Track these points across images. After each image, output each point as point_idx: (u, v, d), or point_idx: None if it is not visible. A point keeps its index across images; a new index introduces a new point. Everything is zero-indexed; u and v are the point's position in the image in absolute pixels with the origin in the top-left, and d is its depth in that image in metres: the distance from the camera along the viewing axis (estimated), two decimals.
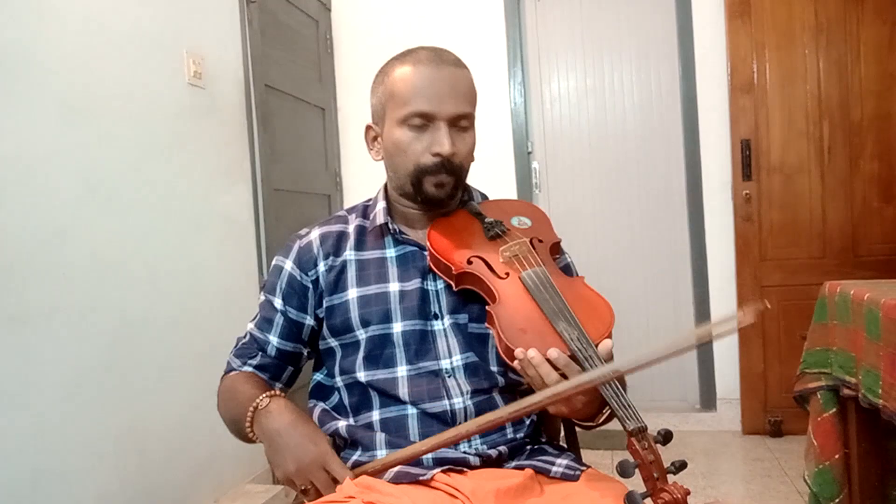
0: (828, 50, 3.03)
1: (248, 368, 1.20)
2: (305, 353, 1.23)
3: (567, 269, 1.23)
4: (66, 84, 1.87)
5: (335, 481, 1.00)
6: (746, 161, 3.10)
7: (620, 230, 3.46)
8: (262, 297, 1.22)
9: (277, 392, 1.09)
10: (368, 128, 1.20)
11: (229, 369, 1.22)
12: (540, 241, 1.16)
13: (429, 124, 1.10)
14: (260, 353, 1.20)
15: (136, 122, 2.13)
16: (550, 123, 3.53)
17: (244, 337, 1.24)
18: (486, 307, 1.05)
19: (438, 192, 1.13)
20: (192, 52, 2.41)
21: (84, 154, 1.92)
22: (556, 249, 1.19)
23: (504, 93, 3.50)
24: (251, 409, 1.07)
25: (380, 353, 1.12)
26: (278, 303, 1.19)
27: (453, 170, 1.12)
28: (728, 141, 3.16)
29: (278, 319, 1.19)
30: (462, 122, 1.12)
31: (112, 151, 2.02)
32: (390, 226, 1.18)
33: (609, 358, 0.93)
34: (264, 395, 1.07)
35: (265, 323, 1.20)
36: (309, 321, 1.19)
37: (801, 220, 3.10)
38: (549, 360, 0.92)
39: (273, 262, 1.23)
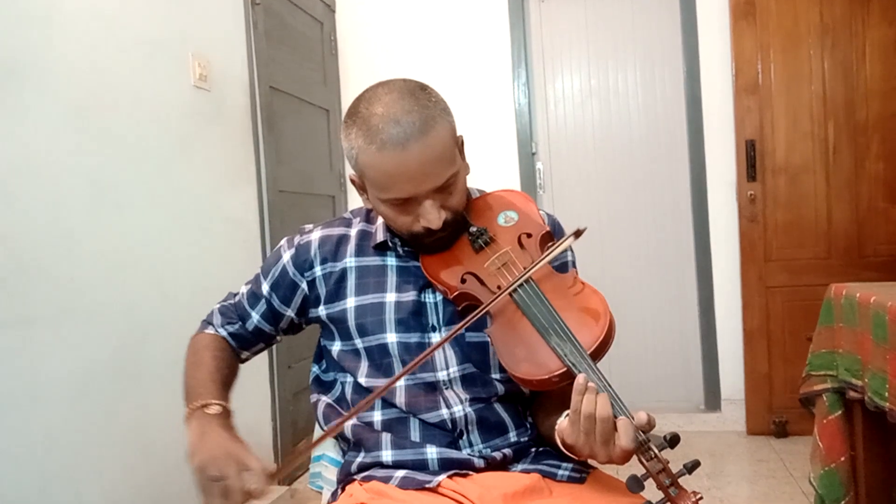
0: (833, 51, 3.02)
1: (223, 332, 1.23)
2: (279, 339, 1.28)
3: (563, 267, 1.19)
4: (74, 88, 1.88)
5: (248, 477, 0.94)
6: (751, 161, 3.10)
7: (625, 231, 3.46)
8: (258, 272, 1.25)
9: (229, 407, 1.09)
10: (353, 179, 1.13)
11: (209, 320, 1.27)
12: (528, 235, 1.11)
13: (412, 201, 1.04)
14: (239, 323, 1.24)
15: (143, 125, 2.14)
16: (555, 124, 3.53)
17: (235, 296, 1.27)
18: (484, 330, 1.05)
19: (439, 244, 1.11)
20: (198, 55, 2.42)
21: (91, 157, 1.92)
22: (548, 238, 1.13)
23: (508, 93, 3.50)
24: (200, 404, 1.06)
25: (379, 362, 1.12)
26: (265, 288, 1.21)
27: (449, 225, 1.07)
28: (733, 141, 3.15)
29: (262, 302, 1.22)
30: (446, 184, 1.04)
31: (119, 154, 2.03)
32: (390, 242, 1.16)
33: (647, 427, 0.88)
34: (217, 402, 1.06)
35: (253, 298, 1.23)
36: (289, 314, 1.21)
37: (806, 220, 3.10)
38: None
39: (278, 245, 1.24)
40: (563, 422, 0.95)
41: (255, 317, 1.22)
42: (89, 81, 1.93)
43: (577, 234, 1.03)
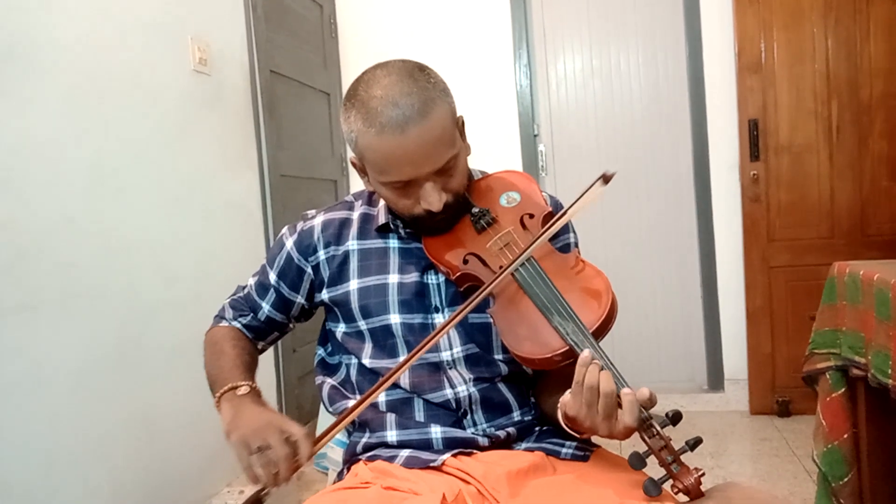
0: (836, 29, 2.99)
1: (237, 324, 1.26)
2: (292, 326, 1.29)
3: (565, 248, 1.19)
4: (72, 73, 1.87)
5: (292, 449, 0.95)
6: (754, 141, 3.09)
7: (628, 211, 3.45)
8: (264, 263, 1.26)
9: (255, 385, 1.12)
10: (353, 162, 1.13)
11: (221, 314, 1.29)
12: (531, 216, 1.12)
13: (413, 184, 1.04)
14: (251, 314, 1.26)
15: (143, 110, 2.13)
16: (557, 106, 3.52)
17: (244, 289, 1.29)
18: (487, 310, 1.06)
19: (440, 226, 1.11)
20: (197, 39, 2.41)
21: (91, 143, 1.92)
22: (550, 218, 1.12)
23: (509, 75, 3.48)
24: (229, 387, 1.09)
25: (383, 343, 1.13)
26: (273, 277, 1.22)
27: (450, 207, 1.07)
28: (735, 121, 3.14)
29: (271, 291, 1.23)
30: (447, 166, 1.04)
31: (119, 139, 2.03)
32: (392, 224, 1.17)
33: (649, 404, 0.87)
34: (245, 384, 1.10)
35: (261, 288, 1.25)
36: (299, 300, 1.22)
37: (809, 200, 3.09)
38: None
39: (280, 234, 1.25)
40: (566, 395, 0.95)
41: (266, 307, 1.24)
42: (88, 67, 1.93)
43: (606, 179, 1.00)
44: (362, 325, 1.14)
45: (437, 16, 3.50)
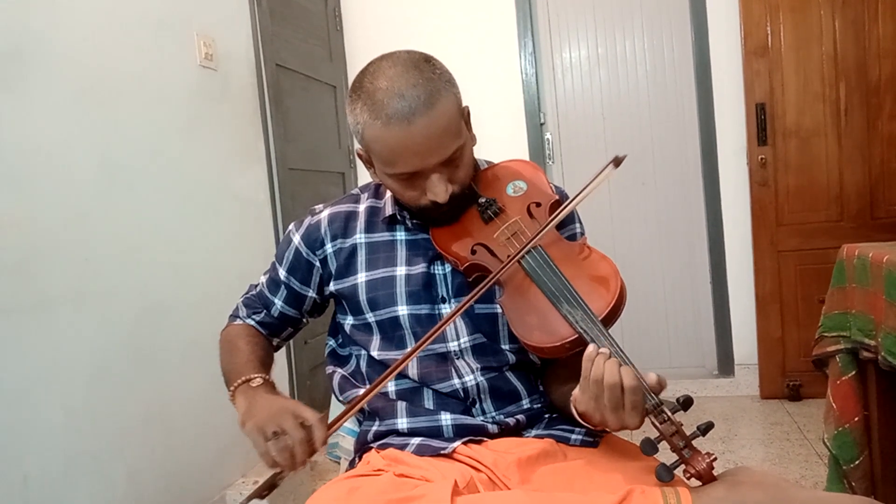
0: (844, 10, 2.97)
1: (251, 322, 1.28)
2: (305, 321, 1.30)
3: (572, 238, 1.19)
4: (80, 71, 1.88)
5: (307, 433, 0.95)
6: (762, 125, 3.07)
7: (636, 198, 3.45)
8: (273, 260, 1.27)
9: (269, 378, 1.14)
10: (359, 154, 1.13)
11: (236, 313, 1.31)
12: (538, 205, 1.11)
13: (419, 175, 1.04)
14: (264, 311, 1.27)
15: (151, 107, 2.14)
16: (563, 94, 3.51)
17: (256, 287, 1.30)
18: (495, 300, 1.07)
19: (447, 217, 1.11)
20: (203, 34, 2.41)
21: (100, 140, 1.93)
22: (557, 206, 1.11)
23: (515, 64, 3.47)
24: (242, 380, 1.11)
25: (391, 334, 1.14)
26: (282, 273, 1.23)
27: (456, 198, 1.07)
28: (742, 105, 3.12)
29: (282, 287, 1.24)
30: (453, 157, 1.04)
31: (127, 136, 2.04)
32: (398, 215, 1.17)
33: (658, 388, 0.88)
34: (258, 375, 1.12)
35: (273, 285, 1.26)
36: (311, 294, 1.23)
37: (817, 183, 3.07)
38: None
39: (287, 231, 1.26)
40: (576, 391, 0.96)
41: (279, 303, 1.25)
42: (96, 65, 1.94)
43: (617, 162, 1.00)
44: (370, 317, 1.15)
45: (442, 6, 3.49)
